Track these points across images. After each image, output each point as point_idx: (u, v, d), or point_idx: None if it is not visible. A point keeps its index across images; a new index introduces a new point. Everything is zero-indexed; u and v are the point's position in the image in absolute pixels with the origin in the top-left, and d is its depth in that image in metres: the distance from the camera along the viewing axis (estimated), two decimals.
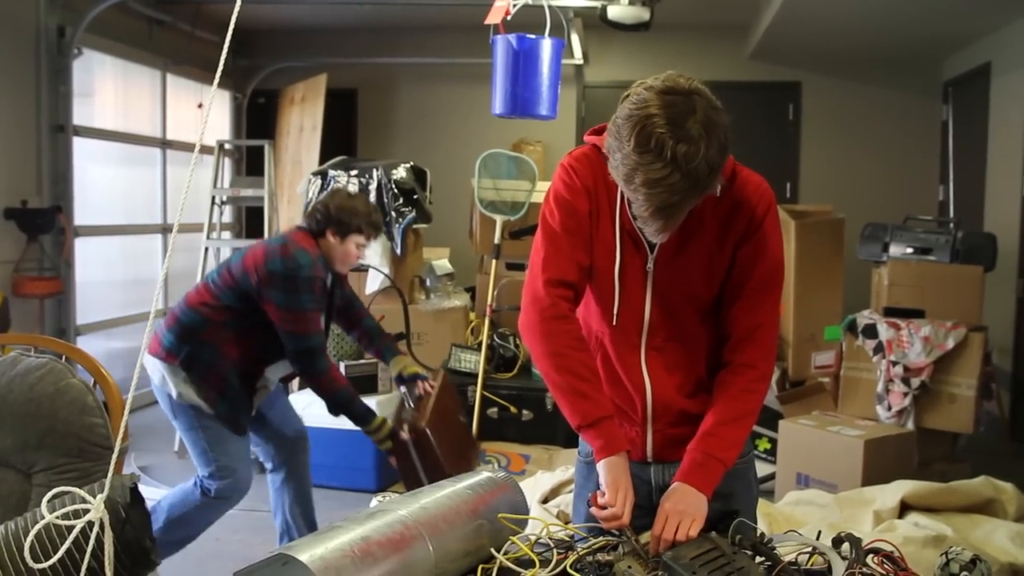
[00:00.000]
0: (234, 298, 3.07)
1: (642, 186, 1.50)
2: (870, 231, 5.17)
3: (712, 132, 1.49)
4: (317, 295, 3.07)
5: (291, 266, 3.01)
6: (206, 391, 3.08)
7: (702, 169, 1.48)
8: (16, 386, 1.99)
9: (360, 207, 3.19)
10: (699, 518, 1.62)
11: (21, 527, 1.64)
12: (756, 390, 1.74)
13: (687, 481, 1.68)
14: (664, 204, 1.51)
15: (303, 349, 3.07)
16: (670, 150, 1.46)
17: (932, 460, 4.44)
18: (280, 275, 3.01)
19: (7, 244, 5.16)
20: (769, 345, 1.76)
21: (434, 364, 4.96)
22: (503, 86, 3.81)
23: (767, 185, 1.75)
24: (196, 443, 3.14)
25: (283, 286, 3.00)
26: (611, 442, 1.71)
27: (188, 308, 3.12)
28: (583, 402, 1.71)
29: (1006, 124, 6.04)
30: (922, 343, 4.43)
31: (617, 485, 1.68)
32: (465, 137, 7.49)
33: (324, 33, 7.82)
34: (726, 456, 1.70)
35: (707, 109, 1.50)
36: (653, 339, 1.78)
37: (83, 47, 5.66)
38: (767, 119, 7.83)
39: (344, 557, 1.36)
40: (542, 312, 1.72)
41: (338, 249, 3.17)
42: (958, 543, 2.85)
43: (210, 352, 3.08)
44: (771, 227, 1.73)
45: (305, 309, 3.04)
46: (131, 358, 5.94)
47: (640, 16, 5.19)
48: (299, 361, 3.10)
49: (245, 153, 7.85)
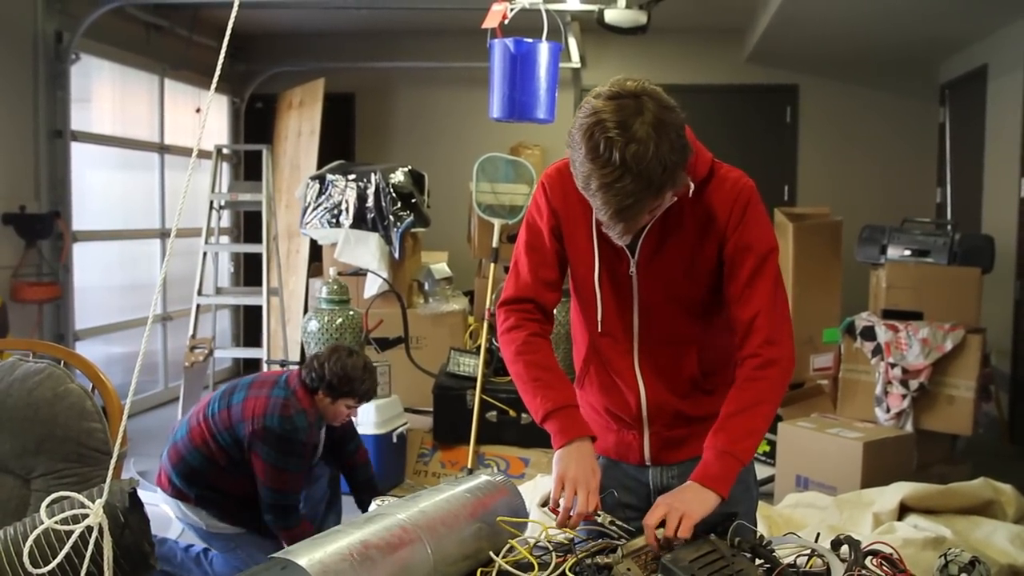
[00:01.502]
0: (230, 441, 3.11)
1: (598, 191, 1.52)
2: (868, 233, 5.17)
3: (663, 131, 1.50)
4: (306, 459, 3.13)
5: (288, 428, 3.05)
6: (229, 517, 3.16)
7: (654, 168, 1.49)
8: (15, 391, 1.98)
9: (355, 374, 3.20)
10: (690, 515, 1.57)
11: (20, 532, 1.64)
12: (761, 377, 1.69)
13: (697, 479, 1.65)
14: (621, 207, 1.52)
15: (280, 505, 3.10)
16: (619, 152, 1.47)
17: (931, 462, 4.44)
18: (275, 434, 3.04)
19: (5, 249, 5.15)
20: (769, 331, 1.70)
21: (433, 368, 4.97)
22: (501, 90, 3.82)
23: (746, 179, 1.74)
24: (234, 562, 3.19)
25: (276, 445, 3.04)
26: (566, 427, 1.71)
27: (192, 447, 3.15)
28: (533, 399, 1.74)
29: (1003, 126, 6.04)
30: (920, 345, 4.44)
31: (563, 479, 1.66)
32: (463, 141, 7.49)
33: (322, 37, 7.82)
34: (736, 448, 1.66)
35: (657, 109, 1.51)
36: (644, 342, 1.78)
37: (81, 52, 5.66)
38: (764, 122, 7.83)
39: (343, 561, 1.36)
40: (500, 330, 1.83)
41: (329, 408, 3.22)
42: (957, 545, 2.85)
43: (220, 495, 3.15)
44: (753, 219, 1.72)
45: (291, 471, 3.08)
46: (130, 363, 5.94)
47: (637, 20, 5.19)
48: (272, 513, 3.11)
49: (243, 157, 7.85)
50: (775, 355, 1.70)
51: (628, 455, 1.87)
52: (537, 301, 1.81)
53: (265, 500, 3.08)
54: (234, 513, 3.16)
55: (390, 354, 4.80)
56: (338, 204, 5.56)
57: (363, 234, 5.47)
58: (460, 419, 4.65)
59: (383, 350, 4.78)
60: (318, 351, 3.34)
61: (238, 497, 3.14)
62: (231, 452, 3.10)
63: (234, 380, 3.35)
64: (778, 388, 1.72)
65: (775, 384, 1.71)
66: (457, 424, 4.67)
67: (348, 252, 5.46)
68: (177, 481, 3.15)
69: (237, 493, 3.14)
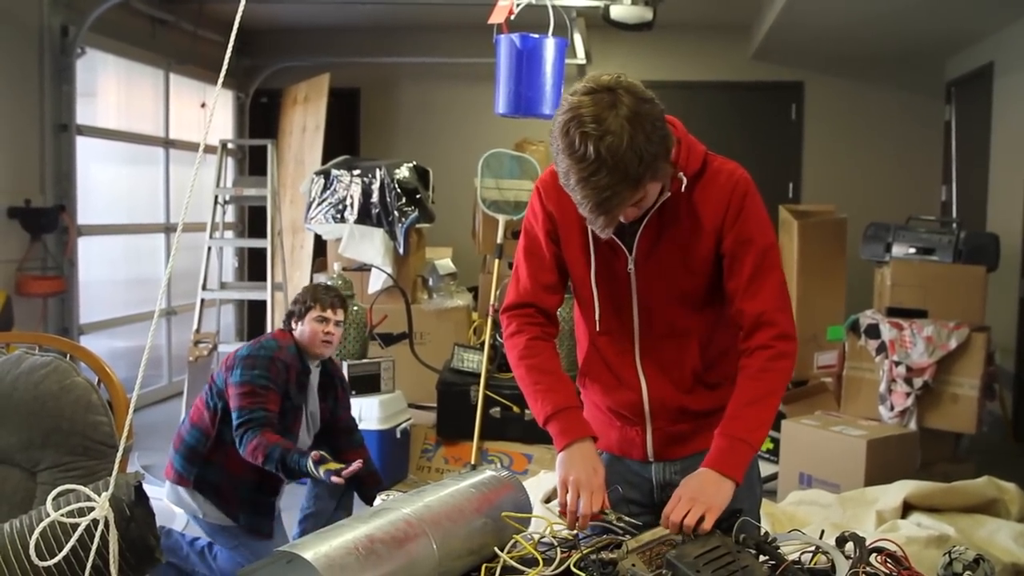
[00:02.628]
0: (216, 397, 3.14)
1: (576, 185, 1.53)
2: (873, 231, 5.16)
3: (638, 122, 1.51)
4: (274, 376, 3.10)
5: (255, 348, 3.16)
6: (225, 508, 3.14)
7: (630, 160, 1.50)
8: (21, 384, 1.99)
9: (312, 289, 3.34)
10: (713, 509, 1.58)
11: (26, 525, 1.65)
12: (775, 369, 1.70)
13: (713, 467, 1.65)
14: (599, 199, 1.53)
15: (245, 420, 2.99)
16: (594, 146, 1.49)
17: (935, 460, 4.44)
18: (242, 357, 3.11)
19: (11, 243, 5.16)
20: (781, 326, 1.71)
21: (437, 363, 4.97)
22: (506, 86, 3.82)
23: (741, 171, 1.74)
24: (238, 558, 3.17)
25: (243, 364, 3.09)
26: (566, 429, 1.73)
27: (190, 426, 3.20)
28: (535, 403, 1.77)
29: (1009, 124, 6.03)
30: (925, 343, 4.43)
31: (567, 483, 1.68)
32: (468, 137, 7.49)
33: (327, 32, 7.82)
34: (752, 437, 1.67)
35: (632, 101, 1.52)
36: (645, 338, 1.79)
37: (86, 47, 5.67)
38: (770, 119, 7.82)
39: (348, 555, 1.36)
40: (504, 336, 1.87)
41: (305, 333, 3.26)
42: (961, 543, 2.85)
43: (217, 472, 3.13)
44: (751, 212, 1.72)
45: (257, 384, 3.05)
46: (134, 357, 5.95)
47: (643, 16, 5.19)
48: (239, 431, 3.00)
49: (248, 152, 7.85)
50: (788, 349, 1.71)
51: (631, 451, 1.87)
52: (538, 305, 1.84)
53: (235, 422, 3.02)
54: (230, 498, 3.13)
55: (394, 350, 4.81)
56: (343, 199, 5.56)
57: (367, 229, 5.47)
58: (464, 415, 4.65)
59: (387, 345, 4.78)
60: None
61: (233, 476, 3.12)
62: (218, 411, 3.13)
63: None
64: (786, 381, 1.74)
65: (785, 377, 1.72)
66: (461, 420, 4.67)
67: (352, 247, 5.46)
68: (178, 464, 3.16)
69: (232, 471, 3.11)
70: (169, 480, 3.21)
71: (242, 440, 3.00)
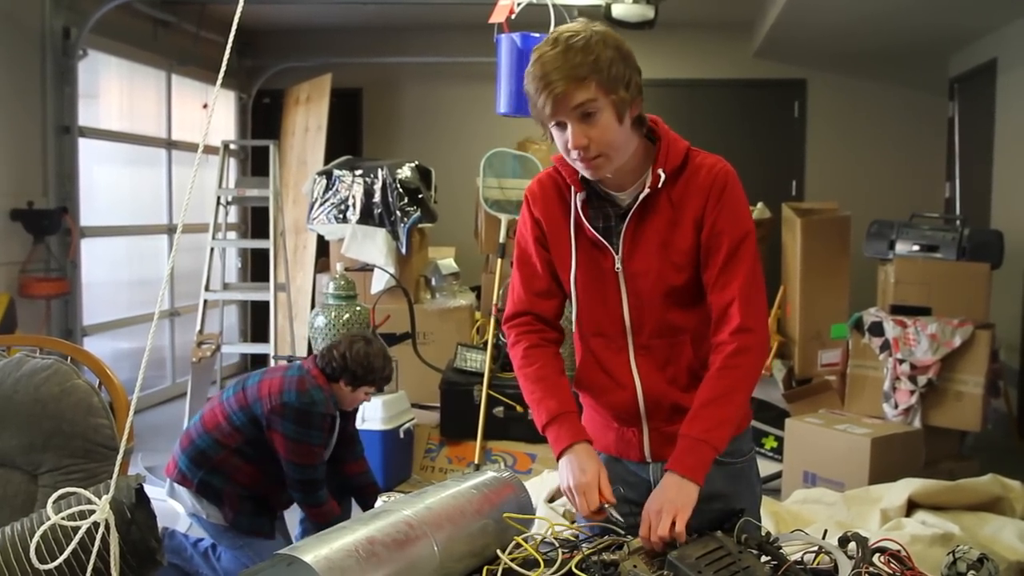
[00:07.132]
0: (245, 420, 3.13)
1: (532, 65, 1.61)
2: (876, 228, 5.15)
3: (605, 36, 1.62)
4: (324, 431, 3.17)
5: (305, 401, 3.10)
6: (224, 511, 3.16)
7: (581, 47, 1.58)
8: (22, 387, 1.99)
9: (376, 363, 3.27)
10: (681, 511, 1.58)
11: (27, 528, 1.64)
12: (735, 365, 1.68)
13: (674, 469, 1.65)
14: (544, 71, 1.59)
15: (306, 480, 3.15)
16: (556, 35, 1.62)
17: (939, 458, 4.42)
18: (294, 408, 3.09)
19: (13, 245, 5.17)
20: (741, 319, 1.68)
21: (440, 363, 4.97)
22: (508, 85, 3.82)
23: (723, 164, 1.73)
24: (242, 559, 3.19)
25: (295, 419, 3.08)
26: (560, 436, 1.74)
27: (204, 431, 3.18)
28: (534, 411, 1.80)
29: (1013, 120, 6.02)
30: (929, 341, 4.42)
31: (569, 490, 1.71)
32: (470, 136, 7.49)
33: (329, 33, 7.82)
34: (711, 436, 1.65)
35: (607, 30, 1.64)
36: (639, 337, 1.78)
37: (88, 48, 5.67)
38: (772, 117, 7.81)
39: (348, 557, 1.35)
40: (508, 347, 1.91)
41: (348, 396, 3.27)
42: (965, 541, 2.84)
43: (223, 479, 3.14)
44: (729, 203, 1.71)
45: (312, 443, 3.12)
46: (137, 358, 5.96)
47: (644, 14, 5.18)
48: (300, 491, 3.18)
49: (250, 153, 7.85)
50: (748, 343, 1.68)
51: (628, 452, 1.87)
52: (534, 312, 1.86)
53: (290, 476, 3.13)
54: (231, 504, 3.14)
55: (397, 350, 4.80)
56: (345, 200, 5.56)
57: (370, 229, 5.47)
58: (467, 415, 4.65)
59: (390, 345, 4.75)
60: (337, 340, 3.35)
61: (239, 486, 3.14)
62: (246, 432, 3.12)
63: (244, 374, 3.38)
64: (752, 375, 1.71)
65: (748, 372, 1.70)
66: (464, 420, 4.67)
67: (355, 248, 5.46)
68: (183, 464, 3.16)
69: (240, 481, 3.14)
70: (170, 478, 3.20)
71: (306, 498, 3.17)
